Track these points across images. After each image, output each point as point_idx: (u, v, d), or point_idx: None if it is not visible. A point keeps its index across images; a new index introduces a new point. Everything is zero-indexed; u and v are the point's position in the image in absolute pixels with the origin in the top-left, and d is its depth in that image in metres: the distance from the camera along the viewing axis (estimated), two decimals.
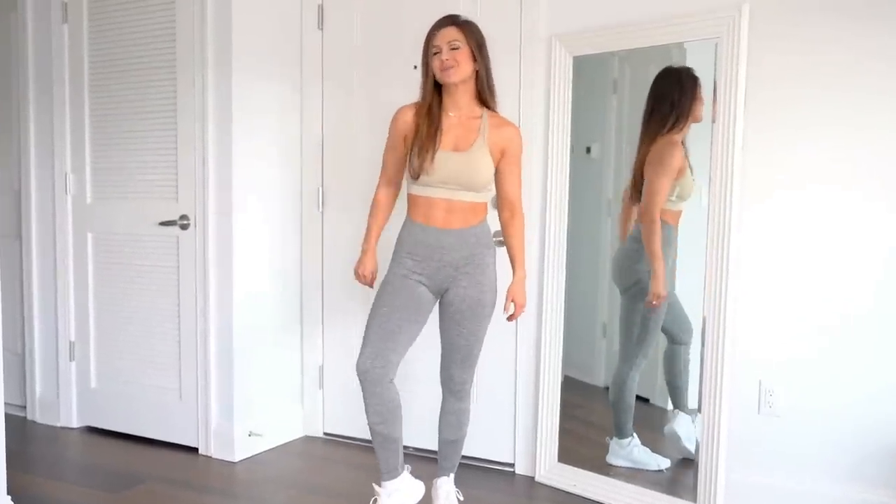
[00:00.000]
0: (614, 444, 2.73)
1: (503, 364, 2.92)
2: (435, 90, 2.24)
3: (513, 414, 2.91)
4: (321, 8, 3.17)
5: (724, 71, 2.41)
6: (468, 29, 2.23)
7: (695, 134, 2.54)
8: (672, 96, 2.56)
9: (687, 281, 2.61)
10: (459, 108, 2.25)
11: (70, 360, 3.42)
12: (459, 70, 2.19)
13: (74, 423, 3.44)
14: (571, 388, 2.82)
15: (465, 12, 2.79)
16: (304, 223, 3.30)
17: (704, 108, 2.51)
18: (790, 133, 2.42)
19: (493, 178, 2.28)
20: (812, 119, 2.39)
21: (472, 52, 2.21)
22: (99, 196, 3.31)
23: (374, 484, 2.35)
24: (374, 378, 2.22)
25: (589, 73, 2.74)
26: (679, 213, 2.61)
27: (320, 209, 3.26)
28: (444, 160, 2.20)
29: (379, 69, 3.09)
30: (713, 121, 2.44)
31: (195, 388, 3.09)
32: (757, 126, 2.44)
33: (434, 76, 2.22)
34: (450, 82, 2.20)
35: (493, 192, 2.34)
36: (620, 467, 2.70)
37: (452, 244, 2.25)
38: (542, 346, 2.81)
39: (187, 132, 3.02)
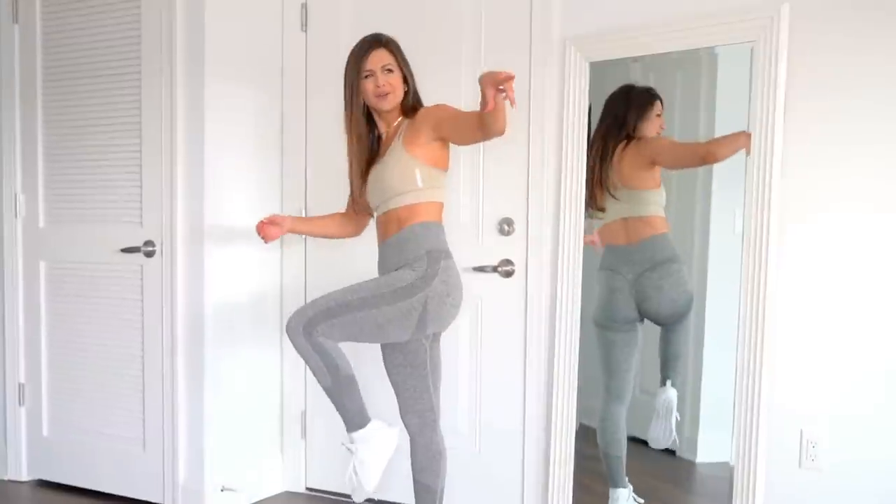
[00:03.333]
0: (612, 495, 2.72)
1: (510, 411, 2.86)
2: (364, 115, 2.35)
3: (521, 467, 2.86)
4: (305, 7, 3.14)
5: (760, 78, 2.37)
6: (397, 49, 2.34)
7: None
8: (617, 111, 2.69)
9: (717, 317, 2.59)
10: (389, 125, 2.37)
11: (19, 405, 3.36)
12: (395, 96, 2.30)
13: (24, 476, 3.38)
14: (588, 438, 2.77)
15: (468, 10, 2.78)
16: (284, 249, 3.22)
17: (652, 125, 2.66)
18: (837, 149, 2.36)
19: (413, 174, 2.26)
20: (862, 134, 2.32)
21: (404, 74, 2.32)
22: (53, 219, 3.26)
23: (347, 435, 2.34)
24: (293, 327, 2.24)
25: (608, 80, 2.69)
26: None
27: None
28: (370, 181, 2.36)
29: None
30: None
31: (161, 436, 3.03)
32: (798, 140, 2.37)
33: (363, 101, 2.32)
34: (383, 109, 2.31)
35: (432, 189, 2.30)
36: None
37: (387, 255, 2.33)
38: (555, 389, 2.75)
39: (153, 146, 2.98)
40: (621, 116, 2.66)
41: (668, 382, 2.69)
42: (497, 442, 2.88)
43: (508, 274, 2.78)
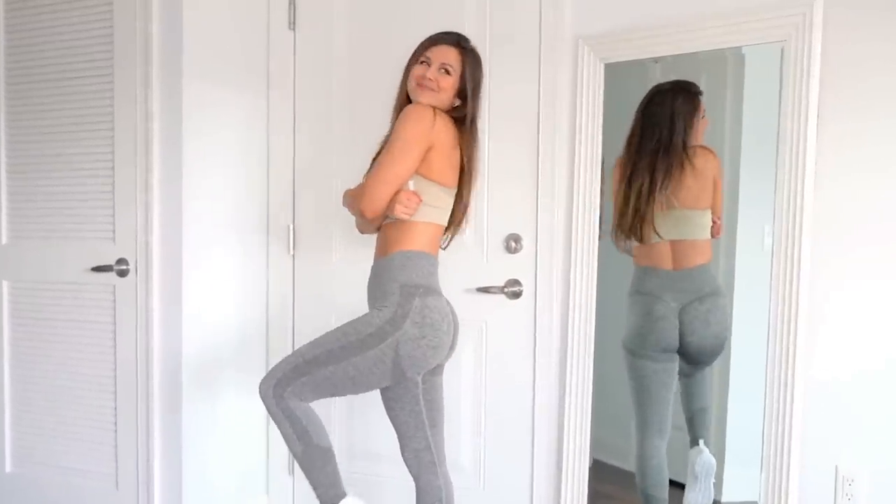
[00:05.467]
0: None
1: (517, 445, 2.82)
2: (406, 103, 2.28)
3: None
4: (293, 4, 3.09)
5: (790, 81, 2.36)
6: (470, 59, 2.26)
7: (753, 157, 2.54)
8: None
9: (743, 339, 2.58)
10: None
11: None
12: (437, 96, 2.22)
13: None
14: (602, 476, 2.78)
15: (471, 6, 2.78)
16: (270, 269, 3.19)
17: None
18: (877, 158, 2.32)
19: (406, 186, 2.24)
20: None
21: (463, 86, 2.24)
22: (16, 235, 3.18)
23: None
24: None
25: (624, 82, 2.67)
26: None
27: (291, 251, 3.15)
28: None
29: (365, 78, 3.01)
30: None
31: (135, 473, 2.96)
32: (832, 148, 2.35)
33: (406, 88, 2.28)
34: (418, 101, 2.22)
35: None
36: None
37: (370, 281, 2.31)
38: (566, 421, 2.72)
39: (127, 155, 2.91)
40: (666, 139, 2.56)
41: (702, 442, 2.63)
42: (503, 478, 2.85)
43: (516, 295, 2.73)
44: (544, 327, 2.72)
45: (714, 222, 2.55)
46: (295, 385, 2.17)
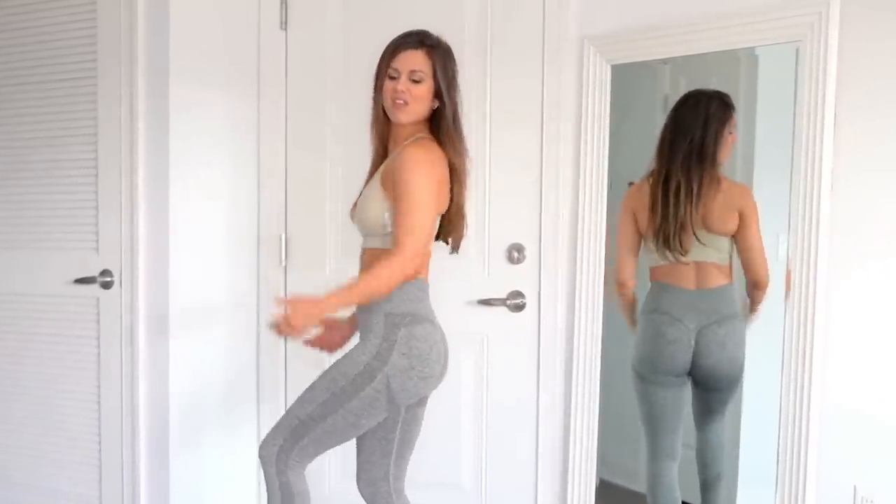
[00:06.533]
0: None
1: (520, 464, 2.80)
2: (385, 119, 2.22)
3: None
4: (285, 3, 3.08)
5: (806, 82, 2.34)
6: (439, 57, 2.15)
7: (766, 161, 2.53)
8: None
9: (757, 352, 2.55)
10: (397, 142, 2.21)
11: None
12: (411, 110, 2.14)
13: None
14: (609, 496, 2.78)
15: (472, 4, 2.74)
16: (262, 281, 3.16)
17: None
18: None
19: (379, 216, 2.15)
20: None
21: (438, 88, 2.14)
22: None
23: None
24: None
25: (633, 85, 2.66)
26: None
27: (283, 263, 3.13)
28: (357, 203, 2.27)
29: (360, 80, 2.85)
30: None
31: (120, 494, 2.95)
32: (850, 152, 2.33)
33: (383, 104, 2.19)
34: (398, 121, 2.16)
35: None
36: None
37: (357, 310, 2.26)
38: (571, 440, 2.71)
39: (111, 161, 2.90)
40: (698, 142, 2.51)
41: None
42: (505, 499, 2.83)
43: (518, 307, 2.71)
44: (548, 342, 2.69)
45: (751, 279, 2.52)
46: (297, 450, 2.14)
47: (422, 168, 2.07)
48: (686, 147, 2.51)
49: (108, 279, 2.91)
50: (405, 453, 2.27)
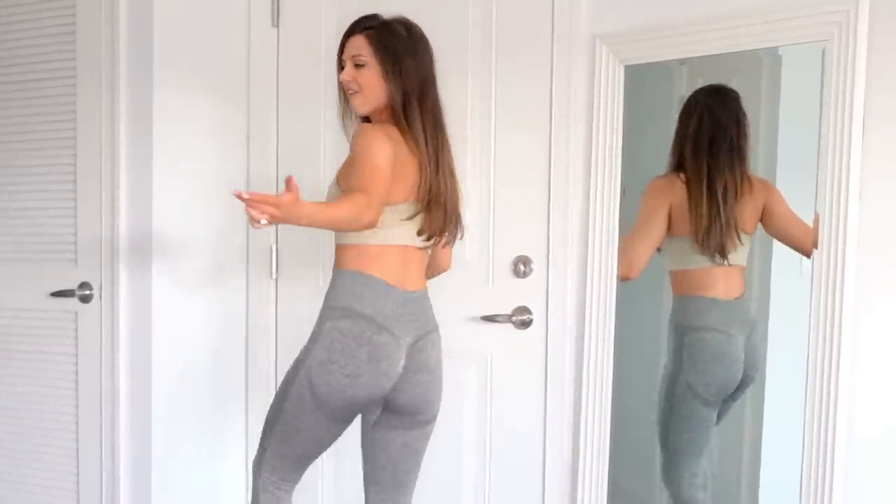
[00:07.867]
0: None
1: (526, 491, 2.74)
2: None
3: None
4: None
5: (833, 84, 2.28)
6: (380, 37, 2.11)
7: (790, 167, 2.49)
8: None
9: (779, 372, 2.51)
10: None
11: None
12: (366, 98, 2.12)
13: None
14: None
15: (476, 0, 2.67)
16: (251, 294, 3.14)
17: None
18: None
19: None
20: None
21: (384, 70, 2.10)
22: None
23: None
24: None
25: (647, 86, 2.61)
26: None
27: (273, 275, 3.10)
28: None
29: None
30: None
31: None
32: (879, 159, 2.27)
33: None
34: (357, 114, 2.17)
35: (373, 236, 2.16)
36: None
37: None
38: (581, 466, 2.64)
39: (90, 167, 2.88)
40: (736, 141, 2.48)
41: None
42: None
43: (525, 324, 2.65)
44: (557, 361, 2.63)
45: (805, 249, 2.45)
46: (266, 465, 2.13)
47: (376, 139, 2.04)
48: (727, 145, 2.49)
49: (87, 292, 2.90)
50: (380, 479, 2.26)
